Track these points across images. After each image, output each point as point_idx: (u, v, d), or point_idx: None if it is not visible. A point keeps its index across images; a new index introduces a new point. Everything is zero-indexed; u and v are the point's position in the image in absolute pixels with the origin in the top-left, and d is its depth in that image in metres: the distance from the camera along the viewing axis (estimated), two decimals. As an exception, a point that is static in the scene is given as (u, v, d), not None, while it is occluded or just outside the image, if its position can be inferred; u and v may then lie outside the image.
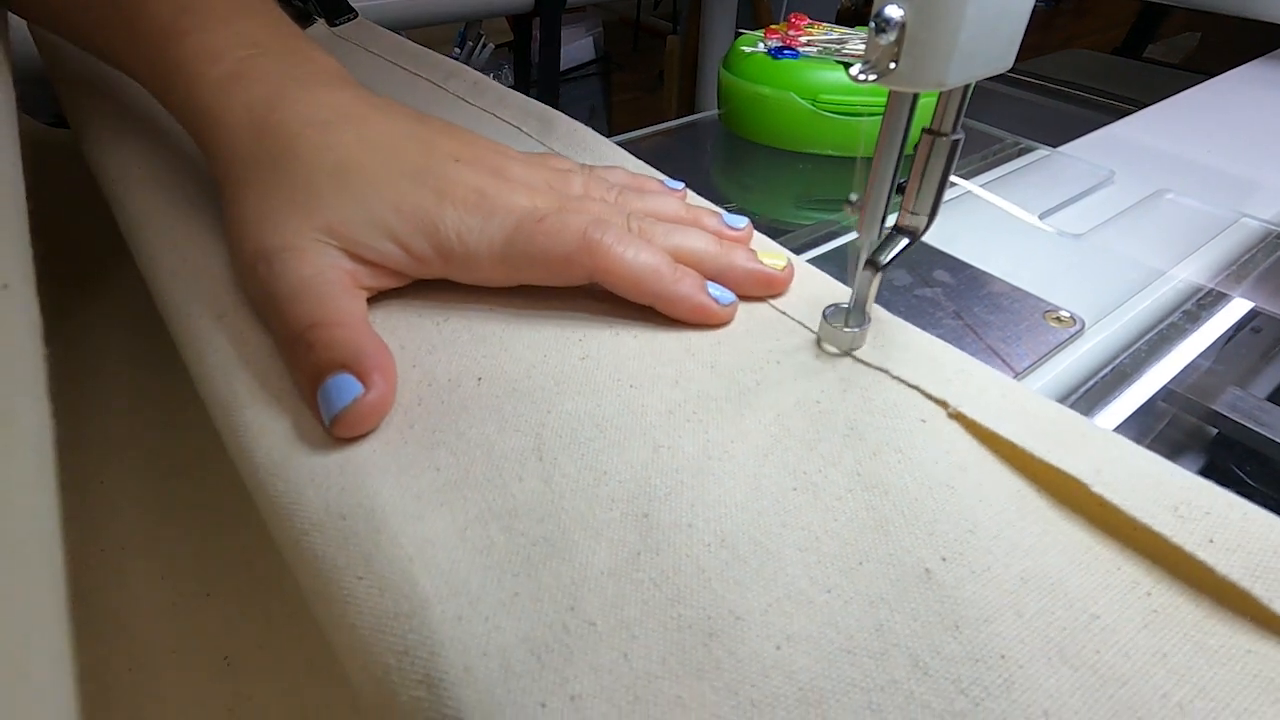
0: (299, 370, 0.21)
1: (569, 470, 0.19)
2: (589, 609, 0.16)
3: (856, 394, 0.21)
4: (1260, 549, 0.16)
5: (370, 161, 0.24)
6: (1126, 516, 0.17)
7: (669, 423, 0.20)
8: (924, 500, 0.18)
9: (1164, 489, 0.17)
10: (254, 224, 0.23)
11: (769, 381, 0.22)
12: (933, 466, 0.19)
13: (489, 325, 0.24)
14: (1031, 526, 0.18)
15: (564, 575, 0.17)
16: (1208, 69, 0.74)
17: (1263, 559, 0.16)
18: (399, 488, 0.18)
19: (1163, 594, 0.16)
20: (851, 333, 0.23)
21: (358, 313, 0.22)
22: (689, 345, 0.23)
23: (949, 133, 0.20)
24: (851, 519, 0.18)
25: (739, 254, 0.25)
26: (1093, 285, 0.36)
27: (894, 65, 0.18)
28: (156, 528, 0.29)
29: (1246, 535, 0.16)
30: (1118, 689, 0.15)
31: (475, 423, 0.20)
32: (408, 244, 0.23)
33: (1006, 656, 0.15)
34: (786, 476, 0.19)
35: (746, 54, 0.51)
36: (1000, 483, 0.19)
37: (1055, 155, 0.49)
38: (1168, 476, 0.18)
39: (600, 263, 0.23)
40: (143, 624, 0.26)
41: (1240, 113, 0.57)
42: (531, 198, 0.25)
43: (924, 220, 0.22)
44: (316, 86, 0.25)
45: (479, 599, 0.16)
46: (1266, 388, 0.40)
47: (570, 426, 0.20)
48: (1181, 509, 0.17)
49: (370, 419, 0.20)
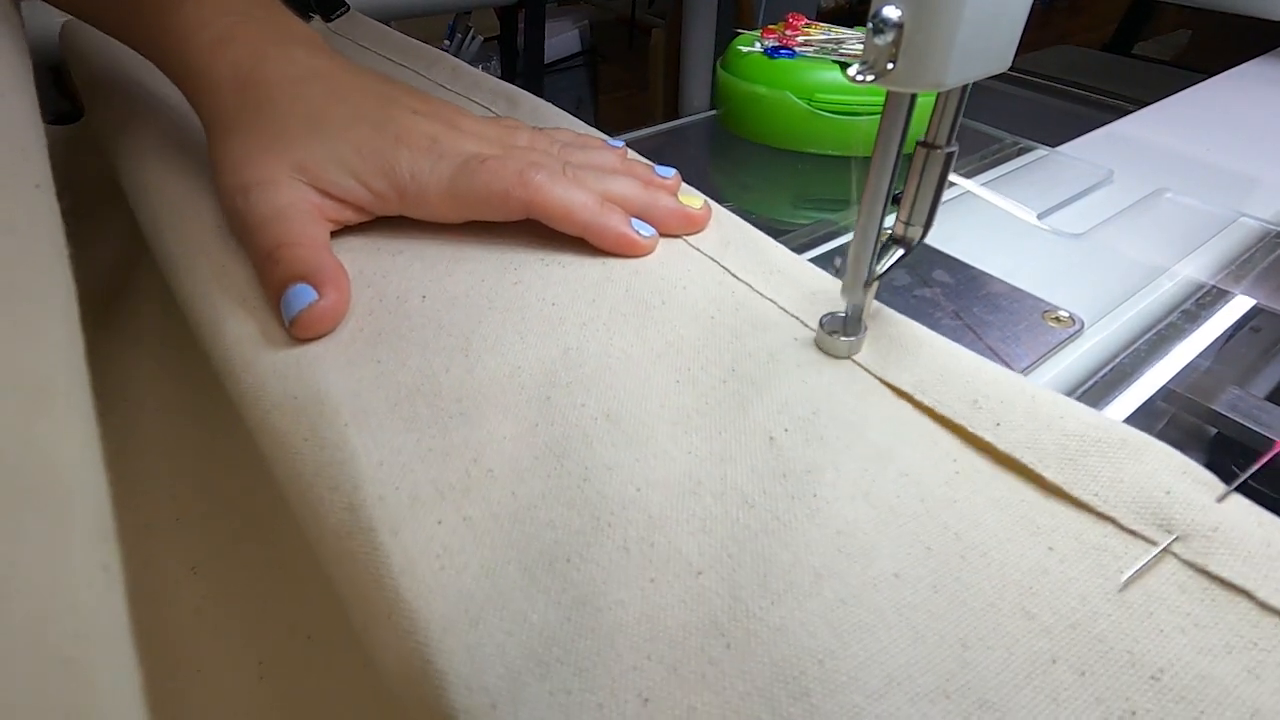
0: (267, 283, 0.25)
1: (489, 365, 0.23)
2: (489, 461, 0.20)
3: (745, 312, 0.25)
4: (1037, 427, 0.20)
5: (337, 111, 0.27)
6: (937, 412, 0.21)
7: (581, 332, 0.24)
8: (782, 389, 0.22)
9: (970, 385, 0.21)
10: (235, 162, 0.27)
11: (673, 302, 0.26)
12: (794, 367, 0.23)
13: (438, 255, 0.28)
14: (870, 412, 0.21)
15: (472, 439, 0.21)
16: (1198, 66, 0.74)
17: (1037, 434, 0.20)
18: (344, 374, 0.22)
19: (967, 461, 0.20)
20: (849, 341, 0.23)
21: (320, 238, 0.26)
22: (609, 273, 0.27)
23: (943, 145, 0.20)
24: (720, 402, 0.22)
25: (662, 196, 0.29)
26: (1092, 285, 0.36)
27: (892, 66, 0.18)
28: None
29: (1030, 416, 0.20)
30: (908, 521, 0.18)
31: (415, 328, 0.24)
32: (368, 181, 0.27)
33: (819, 495, 0.19)
34: (672, 372, 0.23)
35: (744, 53, 0.51)
36: (849, 381, 0.23)
37: (1053, 155, 0.49)
38: (975, 373, 0.22)
39: (535, 197, 0.27)
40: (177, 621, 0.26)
41: (1239, 112, 0.57)
42: (479, 145, 0.28)
43: (919, 231, 0.22)
44: (293, 48, 0.28)
45: (399, 451, 0.20)
46: (1266, 387, 0.40)
47: (495, 333, 0.24)
48: (980, 400, 0.21)
49: (323, 323, 0.24)
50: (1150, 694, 0.14)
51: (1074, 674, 0.15)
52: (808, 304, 0.25)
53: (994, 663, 0.15)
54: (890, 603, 0.17)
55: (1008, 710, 0.15)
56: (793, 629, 0.16)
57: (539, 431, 0.21)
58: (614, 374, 0.23)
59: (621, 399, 0.22)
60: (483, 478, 0.19)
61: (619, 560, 0.17)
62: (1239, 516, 0.17)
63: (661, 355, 0.23)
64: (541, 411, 0.21)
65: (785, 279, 0.26)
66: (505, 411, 0.21)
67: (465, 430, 0.21)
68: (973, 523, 0.18)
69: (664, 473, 0.20)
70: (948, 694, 0.15)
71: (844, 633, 0.16)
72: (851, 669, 0.15)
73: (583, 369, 0.23)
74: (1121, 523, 0.18)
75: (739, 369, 0.23)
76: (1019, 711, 0.15)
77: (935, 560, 0.17)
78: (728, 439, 0.21)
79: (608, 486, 0.19)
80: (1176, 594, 0.16)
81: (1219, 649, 0.15)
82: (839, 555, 0.17)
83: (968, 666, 0.15)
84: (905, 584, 0.17)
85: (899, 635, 0.16)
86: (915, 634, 0.16)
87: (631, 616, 0.16)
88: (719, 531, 0.18)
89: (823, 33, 0.51)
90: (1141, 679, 0.15)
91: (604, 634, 0.16)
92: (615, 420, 0.21)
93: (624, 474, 0.20)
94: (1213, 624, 0.15)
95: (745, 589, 0.17)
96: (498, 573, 0.17)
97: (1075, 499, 0.18)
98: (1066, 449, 0.19)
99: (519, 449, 0.20)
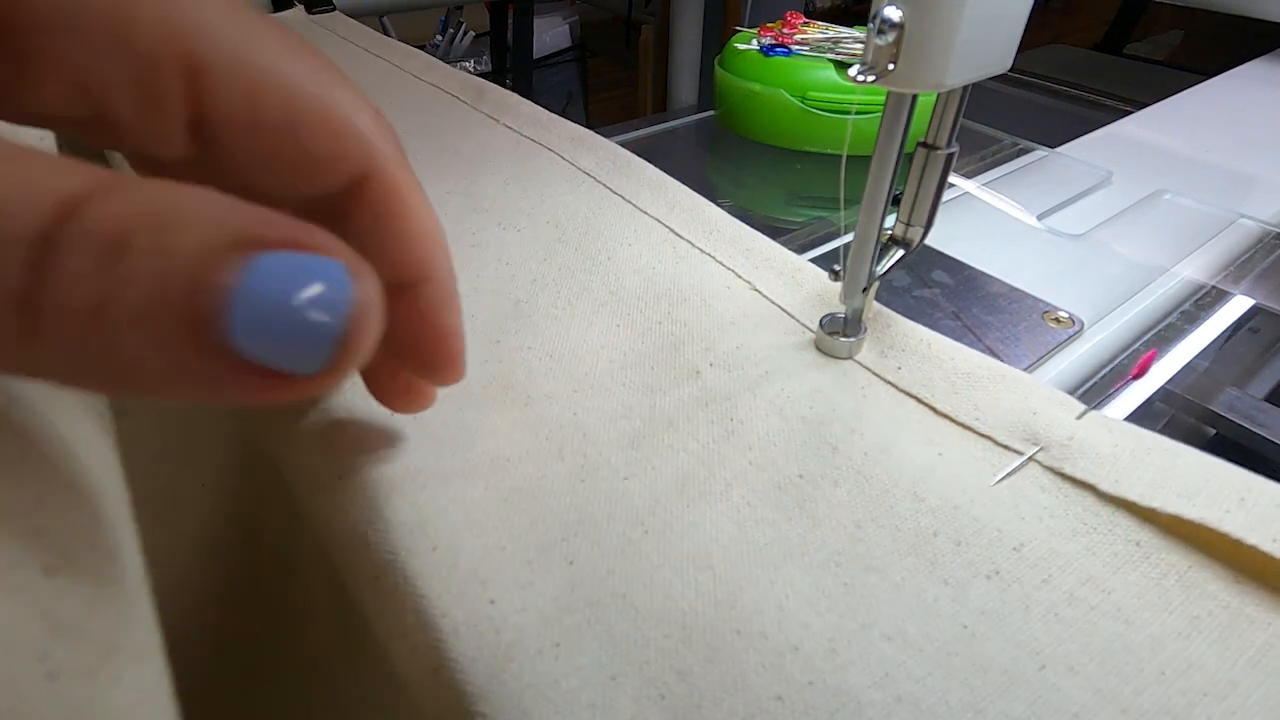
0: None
1: None
2: (439, 391, 0.22)
3: (685, 266, 0.28)
4: (930, 368, 0.23)
5: None
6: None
7: (531, 288, 0.27)
8: (711, 331, 0.25)
9: (879, 338, 0.24)
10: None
11: (617, 257, 0.28)
12: (724, 312, 0.25)
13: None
14: (789, 354, 0.24)
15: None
16: (1191, 66, 0.74)
17: (930, 374, 0.23)
18: None
19: (873, 390, 0.23)
20: (849, 342, 0.23)
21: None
22: (561, 235, 0.29)
23: (943, 146, 0.20)
24: (655, 343, 0.24)
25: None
26: (1091, 286, 0.36)
27: (892, 66, 0.17)
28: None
29: (924, 359, 0.23)
30: (817, 427, 0.21)
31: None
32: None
33: (735, 419, 0.21)
34: (613, 318, 0.25)
35: (740, 51, 0.51)
36: (775, 323, 0.25)
37: (1053, 156, 0.49)
38: (884, 328, 0.24)
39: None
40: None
41: (1237, 113, 0.57)
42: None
43: (920, 232, 0.22)
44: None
45: (354, 384, 0.21)
46: (1264, 388, 0.40)
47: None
48: (885, 351, 0.24)
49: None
50: (1012, 560, 0.18)
51: (951, 544, 0.18)
52: (743, 259, 0.28)
53: (883, 537, 0.18)
54: (792, 498, 0.19)
55: (890, 572, 0.18)
56: (703, 524, 0.19)
57: (487, 367, 0.23)
58: (557, 322, 0.25)
59: (564, 342, 0.24)
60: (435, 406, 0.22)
61: (554, 465, 0.20)
62: (1093, 429, 0.20)
63: (604, 304, 0.26)
64: (490, 351, 0.24)
65: (722, 237, 0.29)
66: None
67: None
68: (875, 430, 0.21)
69: (599, 401, 0.22)
70: (838, 563, 0.18)
71: (748, 525, 0.19)
72: (752, 550, 0.18)
73: (530, 319, 0.25)
74: (997, 439, 0.21)
75: (674, 314, 0.25)
76: (901, 573, 0.18)
77: (840, 458, 0.20)
78: (658, 374, 0.23)
79: (547, 411, 0.22)
80: (1037, 492, 0.19)
81: (1066, 532, 0.18)
82: (749, 467, 0.20)
83: (860, 541, 0.18)
84: (808, 481, 0.20)
85: (799, 523, 0.19)
86: (813, 520, 0.19)
87: (562, 504, 0.19)
88: (645, 448, 0.21)
89: (820, 31, 0.50)
90: (1006, 549, 0.18)
91: (536, 514, 0.19)
92: (556, 358, 0.24)
93: (563, 402, 0.22)
94: (1064, 514, 0.19)
95: (665, 494, 0.19)
96: (442, 461, 0.20)
97: (960, 423, 0.21)
98: (955, 385, 0.22)
99: (468, 381, 0.21)
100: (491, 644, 0.16)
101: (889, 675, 0.16)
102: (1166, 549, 0.18)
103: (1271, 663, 0.16)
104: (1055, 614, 0.17)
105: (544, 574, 0.17)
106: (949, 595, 0.17)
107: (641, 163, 0.33)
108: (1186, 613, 0.17)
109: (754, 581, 0.17)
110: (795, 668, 0.16)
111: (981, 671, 0.16)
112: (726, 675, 0.15)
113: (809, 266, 0.27)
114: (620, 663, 0.16)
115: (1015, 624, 0.17)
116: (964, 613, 0.17)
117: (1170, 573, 0.17)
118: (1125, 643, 0.16)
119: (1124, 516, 0.19)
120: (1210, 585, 0.17)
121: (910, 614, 0.17)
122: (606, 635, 0.16)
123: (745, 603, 0.17)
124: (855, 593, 0.17)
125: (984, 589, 0.17)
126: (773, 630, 0.16)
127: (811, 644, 0.16)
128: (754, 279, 0.27)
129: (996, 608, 0.17)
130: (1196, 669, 0.15)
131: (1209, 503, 0.18)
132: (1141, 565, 0.18)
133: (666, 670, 0.16)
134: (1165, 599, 0.17)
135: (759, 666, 0.16)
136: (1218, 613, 0.17)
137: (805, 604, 0.17)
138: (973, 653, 0.16)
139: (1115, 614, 0.17)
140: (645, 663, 0.16)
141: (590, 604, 0.17)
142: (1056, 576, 0.17)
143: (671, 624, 0.16)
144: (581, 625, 0.16)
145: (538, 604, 0.17)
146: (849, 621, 0.17)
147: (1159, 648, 0.16)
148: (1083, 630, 0.16)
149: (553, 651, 0.16)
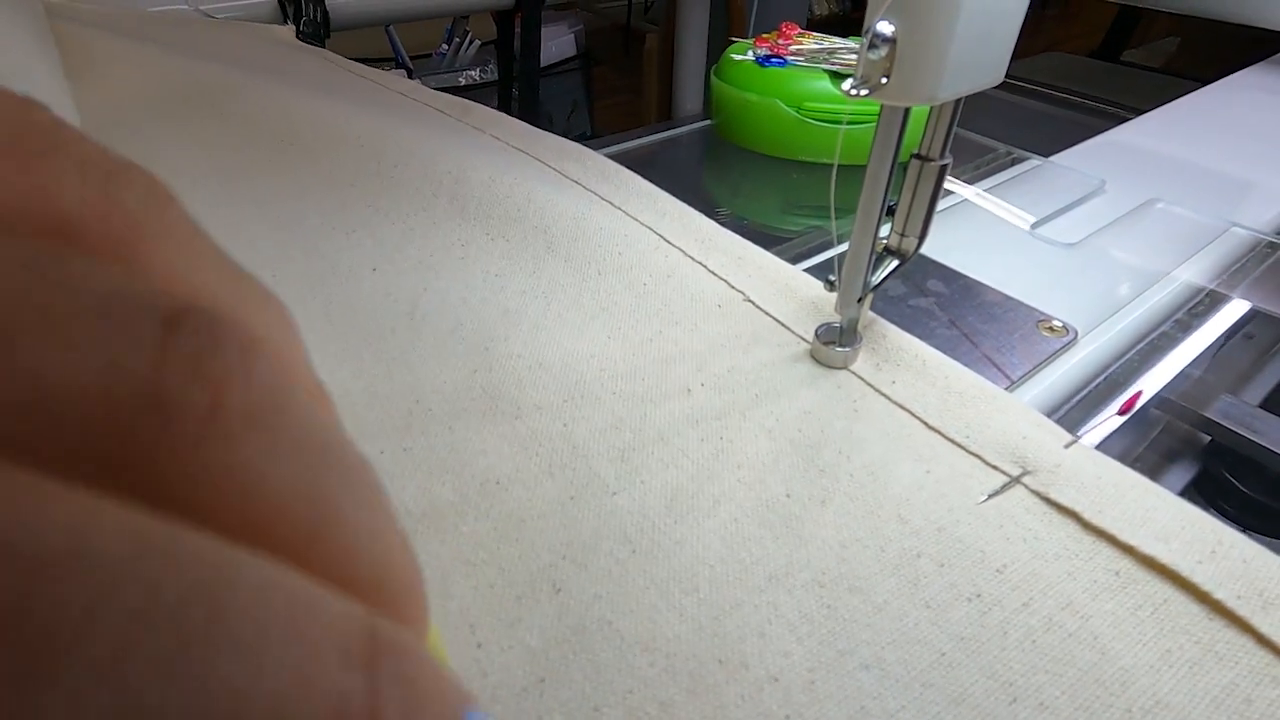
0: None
1: (434, 323, 0.25)
2: (430, 402, 0.22)
3: (676, 280, 0.27)
4: (924, 385, 0.23)
5: None
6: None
7: (521, 299, 0.27)
8: (703, 349, 0.25)
9: (874, 350, 0.24)
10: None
11: (608, 270, 0.28)
12: (716, 330, 0.26)
13: (389, 234, 0.30)
14: (781, 371, 0.24)
15: (413, 383, 0.23)
16: (1187, 73, 0.74)
17: (924, 390, 0.23)
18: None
19: (865, 403, 0.23)
20: (844, 351, 0.23)
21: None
22: (550, 245, 0.29)
23: (937, 158, 0.20)
24: (647, 357, 0.24)
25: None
26: (1085, 295, 0.36)
27: (885, 80, 0.18)
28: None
29: (919, 376, 0.23)
30: (806, 449, 0.21)
31: (365, 296, 0.26)
32: None
33: (725, 438, 0.22)
34: (605, 330, 0.25)
35: (736, 61, 0.51)
36: (767, 341, 0.25)
37: (1047, 164, 0.49)
38: (879, 339, 0.25)
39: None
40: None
41: (1231, 121, 0.57)
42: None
43: (914, 242, 0.22)
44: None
45: (346, 394, 0.22)
46: (1259, 394, 0.40)
47: (440, 299, 0.26)
48: (880, 365, 0.24)
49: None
50: (994, 582, 0.18)
51: (935, 565, 0.18)
52: (734, 268, 0.28)
53: (868, 558, 0.18)
54: (780, 517, 0.19)
55: (873, 594, 0.18)
56: (690, 542, 0.19)
57: (477, 377, 0.23)
58: (547, 332, 0.25)
59: (554, 351, 0.24)
60: (423, 415, 0.22)
61: (544, 484, 0.20)
62: (1080, 458, 0.21)
63: (595, 316, 0.26)
64: (481, 360, 0.24)
65: (713, 246, 0.29)
66: (444, 360, 0.24)
67: (407, 376, 0.23)
68: (864, 449, 0.21)
69: (589, 411, 0.22)
70: (822, 584, 0.18)
71: (735, 544, 0.19)
72: (738, 571, 0.18)
73: (519, 329, 0.25)
74: (986, 459, 0.21)
75: (665, 332, 0.26)
76: (884, 594, 0.18)
77: (826, 479, 0.21)
78: (648, 386, 0.23)
79: (537, 423, 0.22)
80: (1023, 513, 0.20)
81: (1049, 555, 0.19)
82: (738, 485, 0.20)
83: (844, 562, 0.18)
84: (795, 501, 0.20)
85: (785, 542, 0.19)
86: (799, 540, 0.19)
87: (551, 526, 0.19)
88: (634, 461, 0.21)
89: (815, 42, 0.51)
90: (989, 571, 0.18)
91: (526, 542, 0.19)
92: (546, 367, 0.24)
93: (552, 412, 0.22)
94: (1047, 537, 0.19)
95: (654, 510, 0.19)
96: (433, 493, 0.19)
97: (950, 439, 0.22)
98: (947, 403, 0.23)
99: (458, 391, 0.22)
100: (477, 688, 0.16)
101: (864, 709, 0.16)
102: (1144, 580, 0.18)
103: (1232, 704, 0.16)
104: (1033, 641, 0.17)
105: (532, 607, 0.17)
106: (929, 619, 0.17)
107: (630, 174, 0.33)
108: (1159, 646, 0.17)
109: (738, 605, 0.17)
110: (774, 701, 0.16)
111: (954, 705, 0.16)
112: (707, 707, 0.16)
113: (802, 276, 0.27)
114: (604, 693, 0.16)
115: (992, 652, 0.17)
116: (943, 638, 0.17)
117: (1146, 604, 0.18)
118: (1097, 675, 0.16)
119: (1105, 545, 0.19)
120: (1183, 619, 0.17)
121: (890, 640, 0.17)
122: (591, 665, 0.16)
123: (729, 629, 0.17)
124: (837, 615, 0.17)
125: (964, 612, 0.17)
126: (754, 660, 0.16)
127: (791, 675, 0.16)
128: (747, 289, 0.27)
129: (975, 633, 0.17)
130: (1163, 707, 0.16)
131: (1184, 550, 0.18)
132: (1119, 594, 0.18)
133: (649, 701, 0.16)
134: (1140, 630, 0.17)
135: (739, 699, 0.16)
136: (1189, 647, 0.17)
137: (787, 630, 0.17)
138: (948, 683, 0.16)
139: (1091, 642, 0.17)
140: (629, 692, 0.16)
141: (576, 631, 0.17)
142: (1037, 600, 0.18)
143: (656, 652, 0.16)
144: (568, 656, 0.16)
145: (525, 640, 0.17)
146: (828, 649, 0.17)
147: (1129, 682, 0.16)
148: (1058, 660, 0.16)
149: (538, 689, 0.16)
